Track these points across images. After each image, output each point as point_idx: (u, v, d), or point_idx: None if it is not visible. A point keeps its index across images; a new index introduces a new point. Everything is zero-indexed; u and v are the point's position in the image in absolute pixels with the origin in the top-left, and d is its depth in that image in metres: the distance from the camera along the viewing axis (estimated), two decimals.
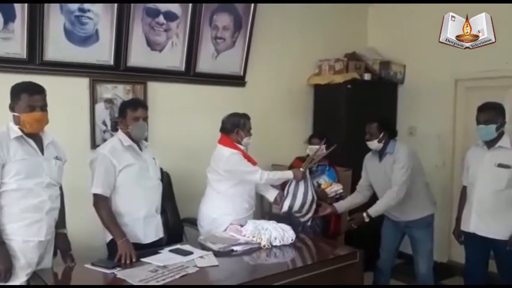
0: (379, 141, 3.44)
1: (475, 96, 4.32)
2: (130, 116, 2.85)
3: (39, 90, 2.44)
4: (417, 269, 3.57)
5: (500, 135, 3.12)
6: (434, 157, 4.60)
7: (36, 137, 2.47)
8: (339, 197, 3.66)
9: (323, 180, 3.69)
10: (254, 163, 3.33)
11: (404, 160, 3.35)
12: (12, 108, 2.42)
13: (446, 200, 4.50)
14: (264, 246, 2.91)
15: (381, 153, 3.49)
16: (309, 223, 3.48)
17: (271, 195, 3.51)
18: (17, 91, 2.42)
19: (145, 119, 2.92)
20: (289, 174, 3.39)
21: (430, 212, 3.52)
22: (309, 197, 3.40)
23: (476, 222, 3.18)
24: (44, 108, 2.44)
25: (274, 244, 2.94)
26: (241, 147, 3.33)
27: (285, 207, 3.39)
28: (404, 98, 4.95)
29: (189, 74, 4.00)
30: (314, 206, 3.45)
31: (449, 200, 4.50)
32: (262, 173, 3.26)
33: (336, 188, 3.62)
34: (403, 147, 3.45)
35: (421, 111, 4.81)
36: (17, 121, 2.41)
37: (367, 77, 4.75)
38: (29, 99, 2.39)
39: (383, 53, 5.02)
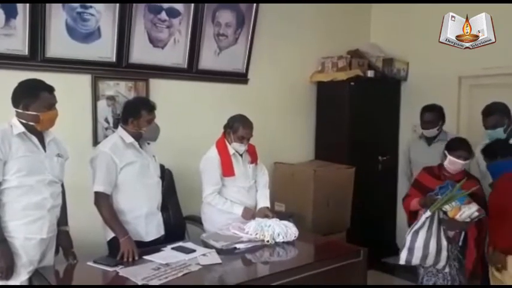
0: (438, 129, 3.65)
1: (479, 93, 4.30)
2: (145, 118, 2.83)
3: (53, 88, 2.44)
4: None
5: (510, 134, 3.17)
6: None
7: (38, 134, 2.45)
8: (478, 221, 2.85)
9: (448, 206, 2.84)
10: (230, 173, 3.21)
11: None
12: (26, 107, 2.36)
13: None
14: (268, 242, 2.89)
15: (430, 139, 3.69)
16: (446, 269, 2.94)
17: (259, 205, 3.36)
18: (35, 90, 2.38)
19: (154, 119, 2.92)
20: (237, 210, 3.18)
21: None
22: (443, 243, 2.86)
23: None
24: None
25: (277, 240, 2.92)
26: (231, 150, 3.25)
27: (417, 261, 2.92)
28: (407, 96, 4.92)
29: (192, 71, 3.98)
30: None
31: None
32: (210, 194, 3.19)
33: (468, 213, 2.80)
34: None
35: None
36: (34, 120, 2.37)
37: (370, 74, 4.73)
38: (49, 98, 2.41)
39: (386, 50, 4.99)
